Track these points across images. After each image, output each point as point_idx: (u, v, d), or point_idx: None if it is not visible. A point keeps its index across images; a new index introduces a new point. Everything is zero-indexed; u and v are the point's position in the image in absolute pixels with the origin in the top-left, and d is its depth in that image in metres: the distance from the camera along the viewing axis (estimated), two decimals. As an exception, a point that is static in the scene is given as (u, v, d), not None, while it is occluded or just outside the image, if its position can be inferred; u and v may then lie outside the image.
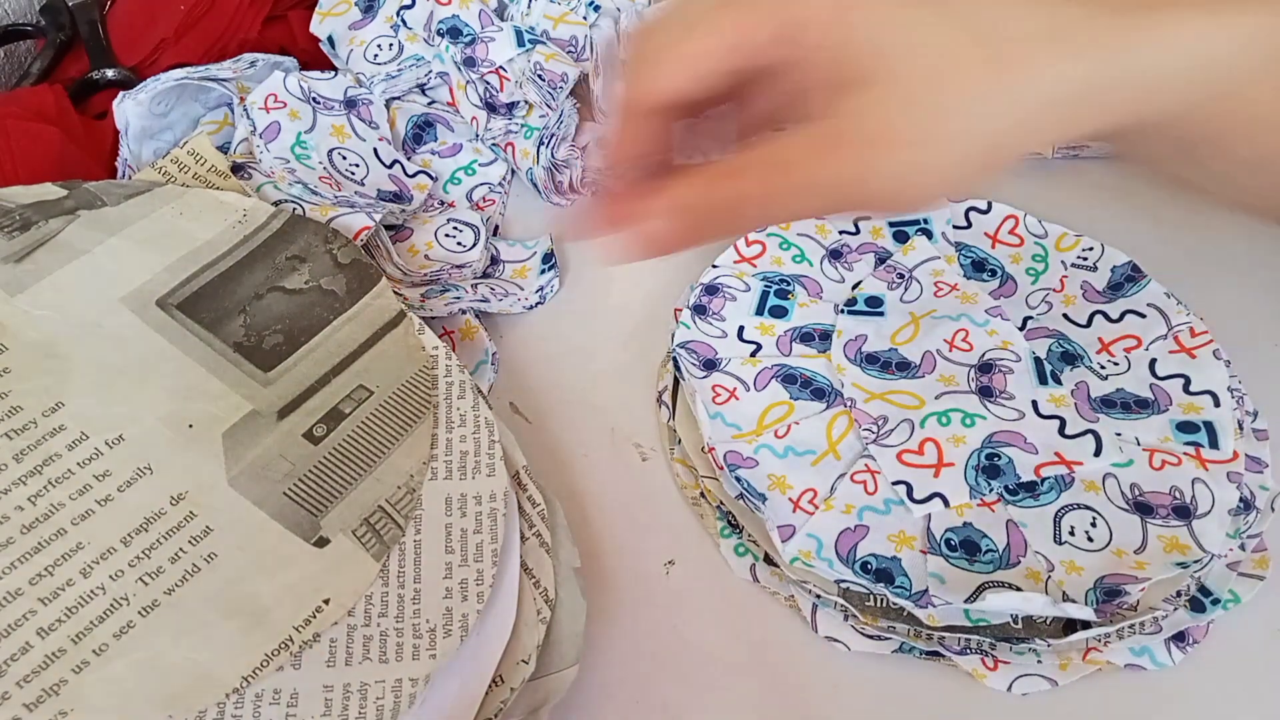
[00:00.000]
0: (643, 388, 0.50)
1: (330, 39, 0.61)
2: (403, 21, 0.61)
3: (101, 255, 0.43)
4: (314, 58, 0.62)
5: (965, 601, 0.39)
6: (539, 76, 0.57)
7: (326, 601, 0.35)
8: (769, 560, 0.43)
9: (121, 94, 0.54)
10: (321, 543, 0.36)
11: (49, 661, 0.32)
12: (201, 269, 0.43)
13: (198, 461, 0.37)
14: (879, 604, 0.40)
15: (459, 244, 0.54)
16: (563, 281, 0.55)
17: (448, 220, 0.55)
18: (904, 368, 0.47)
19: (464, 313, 0.51)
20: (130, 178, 0.52)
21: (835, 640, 0.41)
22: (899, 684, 0.40)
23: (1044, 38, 0.28)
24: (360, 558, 0.36)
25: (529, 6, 0.63)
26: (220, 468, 0.37)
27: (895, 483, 0.43)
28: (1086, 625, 0.39)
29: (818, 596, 0.41)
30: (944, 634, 0.40)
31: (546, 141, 0.56)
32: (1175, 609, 0.40)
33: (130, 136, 0.55)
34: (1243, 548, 0.42)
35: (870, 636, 0.41)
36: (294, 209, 0.46)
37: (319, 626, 0.34)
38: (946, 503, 0.42)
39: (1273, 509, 0.43)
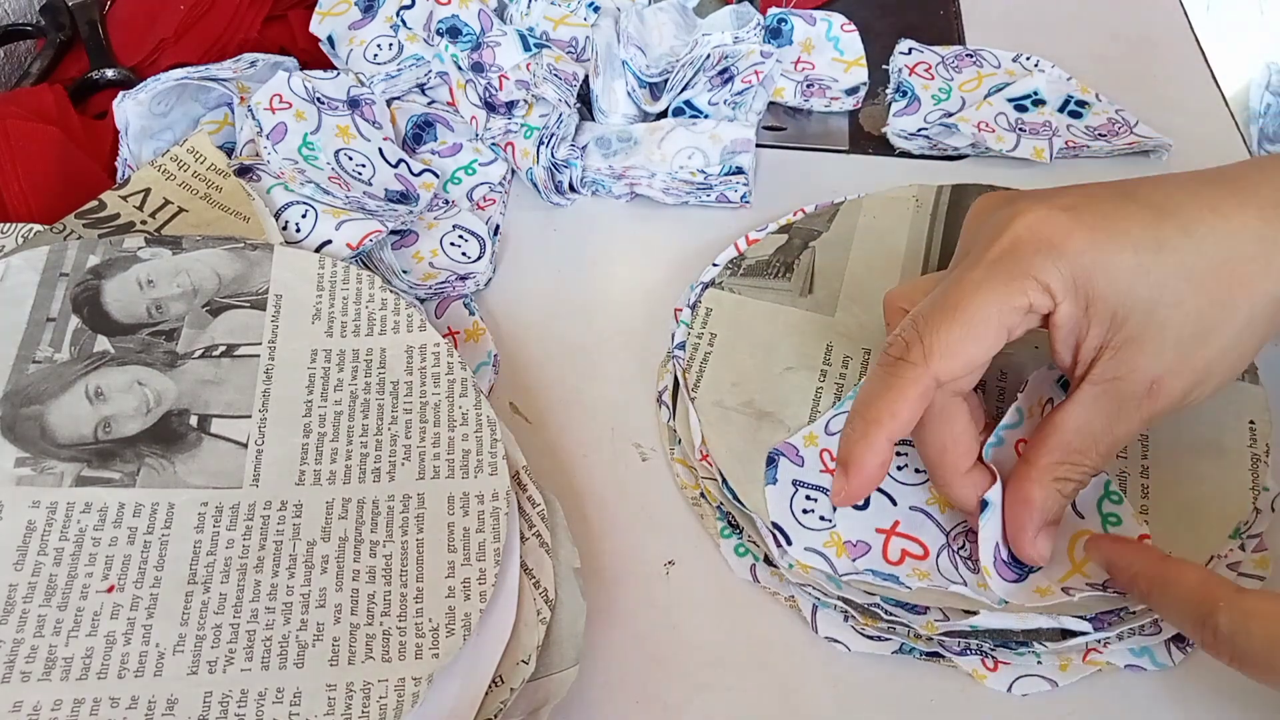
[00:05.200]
0: (643, 388, 0.50)
1: (330, 39, 0.62)
2: (402, 21, 0.61)
3: (853, 265, 0.52)
4: (314, 58, 0.62)
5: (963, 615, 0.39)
6: (556, 75, 0.57)
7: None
8: (769, 561, 0.43)
9: (121, 94, 0.54)
10: None
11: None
12: (926, 248, 0.53)
13: None
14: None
15: (464, 254, 0.54)
16: (559, 282, 0.55)
17: (454, 228, 0.55)
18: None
19: (466, 306, 0.52)
20: (129, 177, 0.52)
21: (835, 640, 0.41)
22: (899, 684, 0.40)
23: (1255, 261, 0.36)
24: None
25: (529, 7, 0.63)
26: None
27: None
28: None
29: (818, 597, 0.41)
30: (944, 636, 0.40)
31: (546, 141, 0.57)
32: None
33: (130, 136, 0.55)
34: (1243, 548, 0.42)
35: (870, 637, 0.41)
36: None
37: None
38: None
39: (1273, 509, 0.43)
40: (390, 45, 0.61)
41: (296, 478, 0.41)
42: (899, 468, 0.44)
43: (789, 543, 0.42)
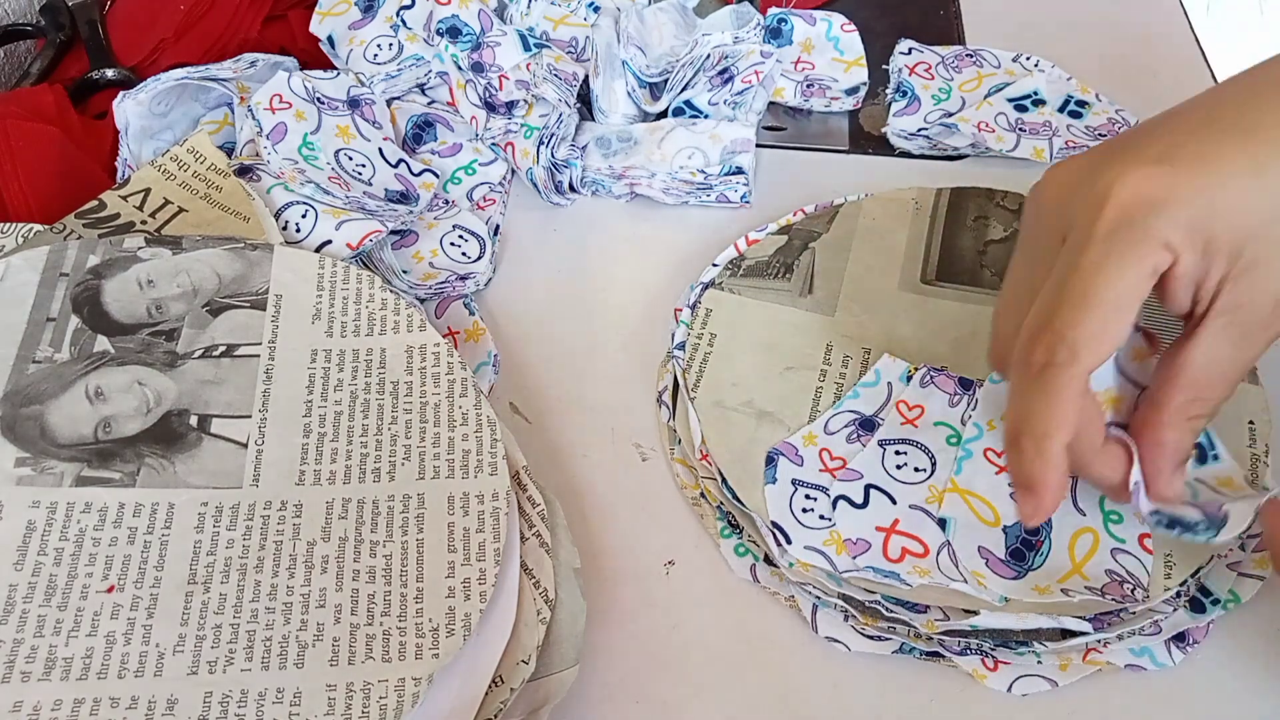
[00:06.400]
0: (643, 388, 0.50)
1: (330, 39, 0.62)
2: (402, 21, 0.61)
3: (854, 268, 0.52)
4: (314, 58, 0.62)
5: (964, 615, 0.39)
6: (556, 75, 0.57)
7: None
8: (769, 560, 0.43)
9: (121, 94, 0.54)
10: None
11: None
12: (925, 250, 0.52)
13: None
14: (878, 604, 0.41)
15: (464, 254, 0.54)
16: (559, 282, 0.55)
17: (454, 228, 0.55)
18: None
19: (466, 306, 0.52)
20: (129, 177, 0.52)
21: (835, 640, 0.41)
22: (899, 684, 0.40)
23: None
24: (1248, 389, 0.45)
25: (529, 7, 0.63)
26: None
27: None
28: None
29: (818, 597, 0.41)
30: (944, 636, 0.40)
31: (546, 141, 0.56)
32: (1175, 609, 0.40)
33: (130, 136, 0.55)
34: (1243, 548, 0.42)
35: (870, 637, 0.41)
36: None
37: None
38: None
39: None
40: (390, 45, 0.61)
41: (296, 478, 0.41)
42: (898, 466, 0.44)
43: (789, 541, 0.42)
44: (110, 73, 0.61)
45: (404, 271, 0.52)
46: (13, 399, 0.42)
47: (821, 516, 0.42)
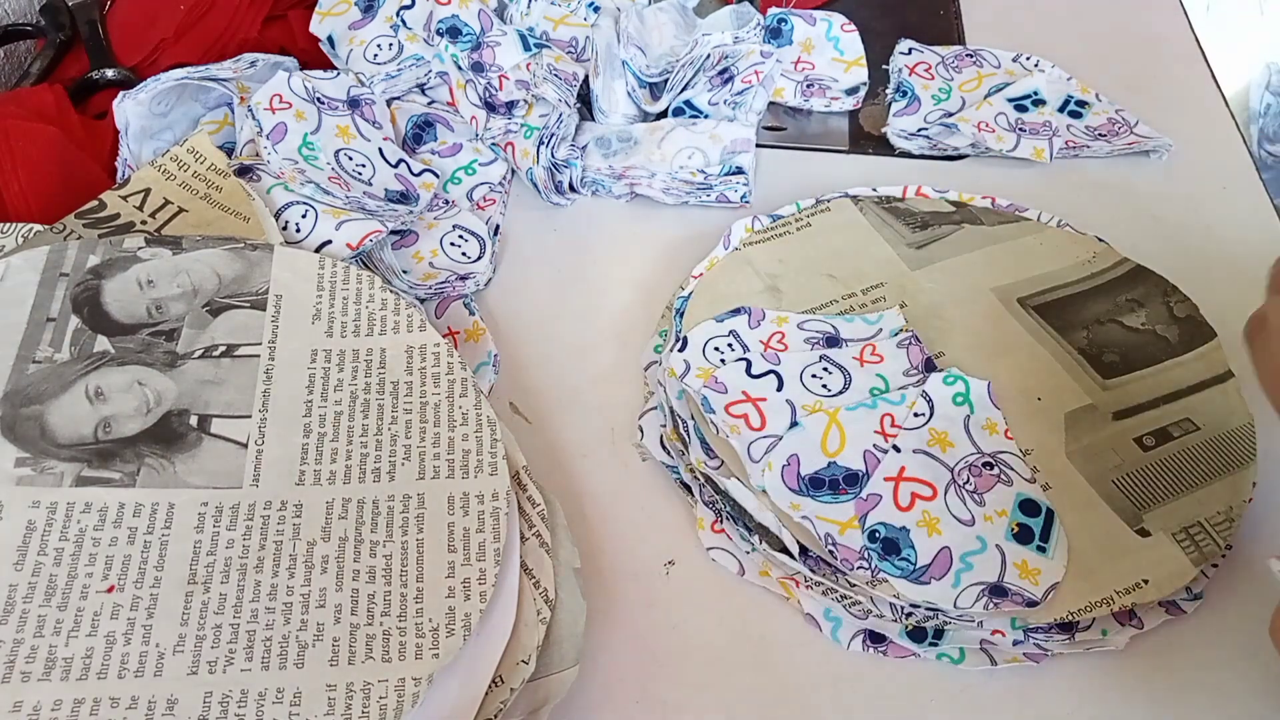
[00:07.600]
0: (642, 388, 0.50)
1: (330, 39, 0.62)
2: (402, 21, 0.61)
3: (978, 257, 0.53)
4: (314, 58, 0.62)
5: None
6: (556, 75, 0.58)
7: (1145, 582, 0.41)
8: (732, 517, 0.44)
9: (121, 94, 0.54)
10: (1143, 533, 0.42)
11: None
12: (1055, 287, 0.52)
13: (1042, 430, 0.46)
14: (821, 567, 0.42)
15: (464, 254, 0.54)
16: (559, 282, 0.55)
17: (454, 228, 0.55)
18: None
19: (466, 306, 0.52)
20: (129, 177, 0.52)
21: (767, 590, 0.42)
22: (899, 684, 0.41)
23: None
24: (1177, 556, 0.42)
25: (529, 7, 0.63)
26: (1060, 441, 0.45)
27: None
28: (1067, 628, 0.40)
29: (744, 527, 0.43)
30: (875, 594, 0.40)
31: (546, 141, 0.56)
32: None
33: (130, 136, 0.55)
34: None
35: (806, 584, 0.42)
36: (1133, 265, 0.53)
37: (1136, 599, 0.40)
38: None
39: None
40: (390, 45, 0.61)
41: (296, 478, 0.41)
42: (814, 375, 0.46)
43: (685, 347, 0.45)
44: (110, 73, 0.61)
45: (404, 271, 0.52)
46: (13, 399, 0.42)
47: (723, 360, 0.46)
